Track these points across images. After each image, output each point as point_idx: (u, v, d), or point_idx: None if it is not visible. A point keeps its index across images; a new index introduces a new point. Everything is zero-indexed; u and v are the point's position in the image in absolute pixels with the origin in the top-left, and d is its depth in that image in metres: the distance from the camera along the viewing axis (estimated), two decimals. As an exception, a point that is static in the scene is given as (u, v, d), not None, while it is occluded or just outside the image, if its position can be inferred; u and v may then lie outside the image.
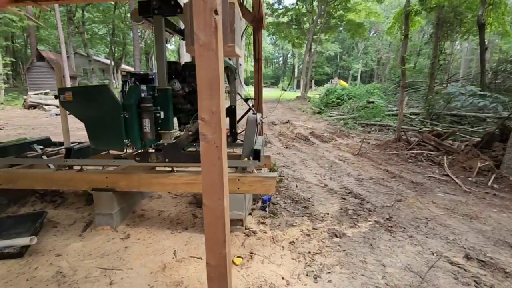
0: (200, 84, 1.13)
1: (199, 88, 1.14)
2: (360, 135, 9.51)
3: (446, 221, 3.37)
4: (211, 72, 1.12)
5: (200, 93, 1.15)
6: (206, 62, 1.12)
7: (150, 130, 2.31)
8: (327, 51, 50.03)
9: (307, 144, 7.92)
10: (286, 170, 5.12)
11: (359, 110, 12.28)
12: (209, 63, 1.11)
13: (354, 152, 6.65)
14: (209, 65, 1.12)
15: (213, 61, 1.11)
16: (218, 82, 1.13)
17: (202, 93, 1.15)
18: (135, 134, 2.25)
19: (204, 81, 1.13)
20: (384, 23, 37.75)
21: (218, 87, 1.14)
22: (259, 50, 4.57)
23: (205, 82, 1.13)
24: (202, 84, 1.13)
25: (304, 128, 10.89)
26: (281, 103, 24.04)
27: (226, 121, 3.92)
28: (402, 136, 6.92)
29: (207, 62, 1.12)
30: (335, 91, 17.07)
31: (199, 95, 1.15)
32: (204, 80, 1.13)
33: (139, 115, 2.26)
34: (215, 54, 1.11)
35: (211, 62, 1.11)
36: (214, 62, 1.11)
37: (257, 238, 2.71)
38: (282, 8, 28.57)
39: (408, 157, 6.11)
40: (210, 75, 1.12)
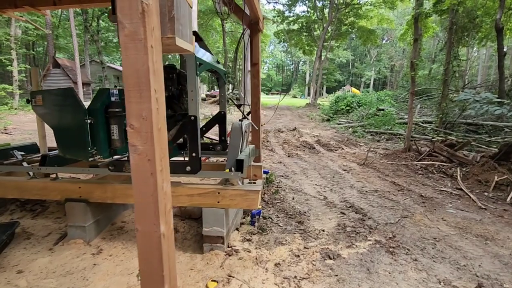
0: (126, 84, 0.92)
1: (125, 88, 0.93)
2: (368, 143, 9.11)
3: (457, 242, 3.01)
4: (139, 68, 0.90)
5: (127, 94, 0.93)
6: (133, 56, 0.90)
7: (119, 137, 2.12)
8: (338, 58, 49.60)
9: (312, 152, 7.61)
10: (284, 181, 4.84)
11: (368, 118, 11.86)
12: (136, 57, 0.90)
13: (360, 162, 6.29)
14: (136, 60, 0.90)
15: (141, 54, 0.90)
16: (148, 81, 0.91)
17: (130, 95, 0.93)
18: (101, 142, 2.06)
19: (131, 79, 0.92)
20: (397, 29, 37.16)
21: (149, 87, 0.92)
22: (256, 54, 4.37)
23: (131, 81, 0.92)
24: (129, 84, 0.92)
25: (310, 136, 10.58)
26: (290, 110, 23.77)
27: (215, 128, 3.72)
28: (412, 145, 6.52)
29: (134, 56, 0.90)
30: (345, 98, 16.69)
31: (126, 97, 0.94)
32: (130, 78, 0.92)
33: (107, 121, 2.07)
34: (144, 46, 0.89)
35: (138, 56, 0.90)
36: (142, 56, 0.90)
37: (239, 258, 2.44)
38: (293, 16, 28.57)
39: (418, 168, 5.71)
40: (138, 73, 0.91)
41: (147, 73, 0.90)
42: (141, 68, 0.90)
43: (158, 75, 0.96)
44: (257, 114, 4.52)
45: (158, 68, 0.96)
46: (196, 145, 2.29)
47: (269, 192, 4.15)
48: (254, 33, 4.29)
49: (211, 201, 2.38)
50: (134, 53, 0.90)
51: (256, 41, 4.33)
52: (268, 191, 4.19)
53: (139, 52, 0.90)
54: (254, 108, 4.51)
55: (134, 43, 0.89)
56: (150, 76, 0.91)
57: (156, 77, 0.95)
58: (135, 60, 0.90)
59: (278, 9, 29.94)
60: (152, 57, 0.92)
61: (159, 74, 0.97)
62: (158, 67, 0.96)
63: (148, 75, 0.90)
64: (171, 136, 2.33)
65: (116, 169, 2.45)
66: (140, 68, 0.90)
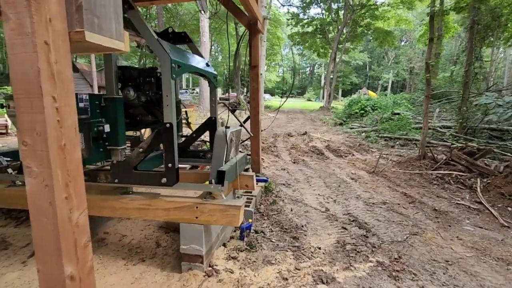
0: (14, 89, 0.73)
1: (14, 96, 0.74)
2: (381, 149, 8.66)
3: (473, 266, 2.64)
4: (28, 70, 0.71)
5: (16, 103, 0.74)
6: (21, 55, 0.71)
7: (86, 146, 1.95)
8: (354, 60, 48.56)
9: (319, 159, 7.28)
10: (285, 190, 4.57)
11: (382, 122, 11.34)
12: (25, 57, 0.71)
13: (370, 170, 5.92)
14: (24, 60, 0.71)
15: (30, 53, 0.70)
16: (39, 87, 0.72)
17: (20, 104, 0.74)
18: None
19: (19, 84, 0.72)
20: (416, 30, 35.91)
21: (41, 95, 0.72)
22: (255, 56, 4.16)
23: (20, 86, 0.72)
24: (17, 89, 0.72)
25: (321, 141, 10.22)
26: (303, 113, 23.36)
27: (206, 134, 3.53)
28: (427, 152, 6.06)
29: (21, 55, 0.71)
30: (359, 102, 16.15)
31: (16, 107, 0.74)
32: (19, 83, 0.72)
33: (73, 128, 1.91)
34: (32, 43, 0.70)
35: (27, 55, 0.71)
36: (31, 54, 0.70)
37: (219, 280, 2.21)
38: (308, 18, 28.20)
39: (433, 178, 5.27)
40: (28, 76, 0.72)
41: (37, 76, 0.71)
42: (30, 70, 0.71)
43: (61, 80, 0.76)
44: (256, 119, 4.30)
45: (62, 71, 0.76)
46: (172, 155, 2.09)
47: (266, 202, 3.90)
48: (253, 34, 4.09)
49: (188, 216, 2.17)
50: (21, 52, 0.71)
51: (255, 42, 4.13)
52: (265, 201, 3.94)
53: (27, 50, 0.70)
54: (253, 113, 4.30)
55: (20, 39, 0.70)
56: (43, 80, 0.71)
57: (58, 81, 0.75)
58: (23, 60, 0.71)
59: (293, 11, 29.71)
60: (48, 56, 0.72)
61: (62, 78, 0.77)
62: (62, 69, 0.76)
63: (39, 79, 0.71)
64: (146, 144, 2.15)
65: (90, 179, 2.29)
66: (29, 70, 0.71)
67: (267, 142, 9.60)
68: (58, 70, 0.76)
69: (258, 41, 4.17)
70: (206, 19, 14.72)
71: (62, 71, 0.78)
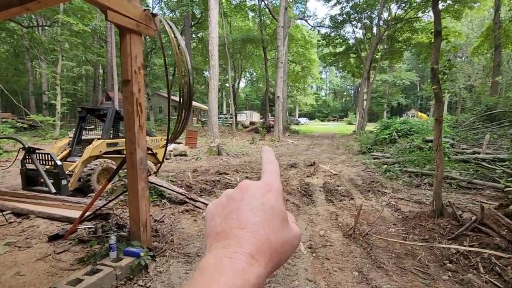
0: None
1: None
2: (398, 190, 6.42)
3: None
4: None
5: None
6: None
7: None
8: (400, 80, 44.56)
9: (299, 203, 5.44)
10: (173, 272, 2.94)
11: (410, 152, 8.90)
12: None
13: (349, 231, 3.94)
14: None
15: None
16: None
17: None
18: None
19: None
20: (474, 44, 31.49)
21: None
22: (125, 66, 2.83)
23: None
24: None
25: (325, 175, 8.26)
26: (331, 139, 21.08)
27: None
28: (446, 206, 3.88)
29: None
30: (392, 125, 13.58)
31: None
32: None
33: None
34: None
35: None
36: None
37: None
38: (340, 37, 26.50)
39: (448, 255, 3.14)
40: None
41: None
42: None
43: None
44: (133, 160, 2.87)
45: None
46: None
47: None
48: (122, 35, 2.80)
49: None
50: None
51: (126, 46, 2.81)
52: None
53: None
54: (130, 149, 2.89)
55: None
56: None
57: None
58: None
59: (325, 32, 28.33)
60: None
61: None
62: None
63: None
64: None
65: None
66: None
67: (256, 176, 8.01)
68: None
69: (136, 45, 2.85)
70: (215, 42, 14.14)
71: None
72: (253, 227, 0.30)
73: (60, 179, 4.84)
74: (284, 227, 0.32)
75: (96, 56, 25.73)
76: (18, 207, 4.28)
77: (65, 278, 2.45)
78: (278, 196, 0.34)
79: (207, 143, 14.30)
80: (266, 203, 0.32)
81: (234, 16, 27.90)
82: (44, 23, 21.80)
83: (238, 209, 0.32)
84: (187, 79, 2.95)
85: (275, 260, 0.30)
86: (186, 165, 9.81)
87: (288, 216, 0.35)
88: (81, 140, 6.28)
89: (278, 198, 0.33)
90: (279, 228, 0.32)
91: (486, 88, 19.92)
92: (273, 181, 0.35)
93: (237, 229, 0.30)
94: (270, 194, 0.33)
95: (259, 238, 0.29)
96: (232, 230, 0.30)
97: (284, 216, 0.33)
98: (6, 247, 3.29)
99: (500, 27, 16.80)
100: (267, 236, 0.30)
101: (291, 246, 0.33)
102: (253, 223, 0.30)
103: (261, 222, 0.30)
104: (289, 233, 0.33)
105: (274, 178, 0.36)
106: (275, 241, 0.30)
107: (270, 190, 0.34)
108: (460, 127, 11.08)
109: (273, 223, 0.31)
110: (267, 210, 0.32)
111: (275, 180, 0.36)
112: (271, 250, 0.30)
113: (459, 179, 6.50)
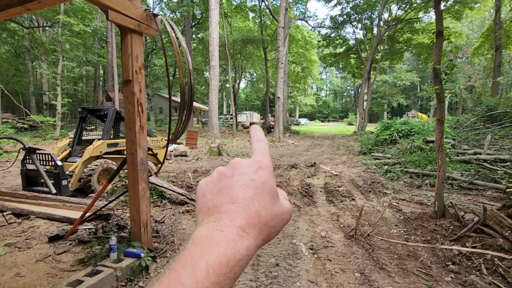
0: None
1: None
2: (399, 191, 6.40)
3: None
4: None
5: None
6: None
7: None
8: (401, 81, 44.54)
9: (301, 204, 5.42)
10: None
11: (411, 153, 8.89)
12: None
13: (351, 232, 3.93)
14: None
15: None
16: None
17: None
18: None
19: None
20: (474, 44, 31.48)
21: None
22: (126, 67, 2.82)
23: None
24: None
25: (326, 175, 8.24)
26: (332, 139, 21.05)
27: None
28: (448, 207, 3.86)
29: None
30: (392, 126, 13.56)
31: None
32: None
33: None
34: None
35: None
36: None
37: None
38: (340, 38, 26.49)
39: (451, 256, 3.12)
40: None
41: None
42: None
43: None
44: (134, 156, 2.86)
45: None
46: None
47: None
48: (123, 34, 2.79)
49: None
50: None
51: (127, 46, 2.80)
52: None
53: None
54: (130, 150, 2.87)
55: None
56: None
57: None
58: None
59: (326, 33, 28.29)
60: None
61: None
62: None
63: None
64: None
65: None
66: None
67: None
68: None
69: (137, 44, 2.84)
70: (215, 42, 14.14)
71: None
72: (243, 202, 0.31)
73: (60, 180, 4.82)
74: (274, 202, 0.33)
75: (97, 56, 25.75)
76: (18, 207, 4.26)
77: (66, 279, 2.44)
78: (268, 173, 0.35)
79: (208, 143, 14.29)
80: (256, 179, 0.33)
81: (234, 16, 27.91)
82: (45, 23, 21.83)
83: (229, 185, 0.33)
84: (188, 80, 2.94)
85: (264, 233, 0.31)
86: (187, 165, 9.80)
87: (279, 193, 0.36)
88: (82, 140, 6.27)
89: (268, 175, 0.34)
90: (269, 203, 0.33)
91: (487, 88, 19.91)
92: (263, 158, 0.36)
93: (228, 204, 0.31)
94: (260, 171, 0.34)
95: (249, 212, 0.30)
96: (224, 205, 0.31)
97: (274, 192, 0.34)
98: (6, 248, 3.28)
99: (500, 27, 16.80)
100: (257, 210, 0.31)
101: (281, 220, 0.34)
102: (244, 198, 0.31)
103: (251, 197, 0.31)
104: (279, 208, 0.34)
105: (264, 155, 0.37)
106: (264, 215, 0.31)
107: (261, 167, 0.34)
108: (461, 127, 11.07)
109: (263, 199, 0.32)
110: (257, 186, 0.32)
111: (265, 158, 0.37)
112: (261, 223, 0.31)
113: (461, 180, 6.48)
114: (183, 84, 2.92)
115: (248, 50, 28.32)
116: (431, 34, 4.52)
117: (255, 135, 0.41)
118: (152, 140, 7.12)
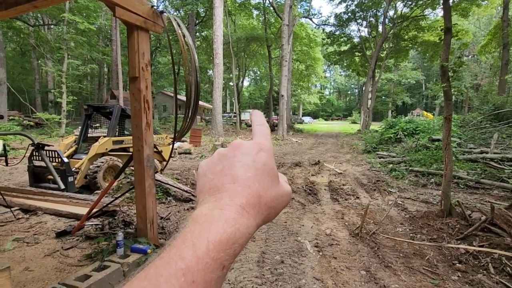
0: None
1: None
2: (404, 189, 6.37)
3: None
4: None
5: None
6: None
7: None
8: (406, 79, 44.15)
9: (304, 202, 5.42)
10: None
11: (416, 151, 8.82)
12: None
13: (355, 230, 3.91)
14: None
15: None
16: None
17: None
18: None
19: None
20: (481, 42, 31.10)
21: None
22: (132, 64, 2.83)
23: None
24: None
25: (330, 174, 8.22)
26: (336, 138, 20.97)
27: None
28: (455, 206, 3.83)
29: None
30: (397, 124, 13.47)
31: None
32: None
33: None
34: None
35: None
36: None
37: None
38: (344, 35, 26.32)
39: (457, 255, 3.10)
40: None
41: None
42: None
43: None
44: (140, 153, 2.87)
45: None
46: None
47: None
48: (130, 31, 2.79)
49: None
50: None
51: (133, 43, 2.81)
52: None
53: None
54: (137, 146, 2.89)
55: None
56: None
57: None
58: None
59: (330, 31, 28.13)
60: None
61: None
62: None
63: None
64: None
65: None
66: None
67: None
68: None
69: (143, 41, 2.85)
70: (219, 40, 14.12)
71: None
72: (244, 182, 0.31)
73: (67, 176, 4.87)
74: (274, 184, 0.34)
75: (101, 54, 25.88)
76: (26, 203, 4.31)
77: (74, 274, 2.46)
78: (269, 154, 0.35)
79: (211, 141, 14.32)
80: (257, 160, 0.33)
81: (238, 14, 27.84)
82: (50, 21, 21.97)
83: (231, 166, 0.33)
84: (194, 77, 2.94)
85: (264, 213, 0.32)
86: (191, 163, 9.83)
87: (279, 176, 0.36)
88: (87, 137, 6.32)
89: (269, 156, 0.35)
90: (270, 185, 0.33)
91: (494, 87, 19.65)
92: (264, 140, 0.37)
93: (229, 184, 0.31)
94: (261, 152, 0.35)
95: (250, 192, 0.31)
96: (224, 185, 0.31)
97: (274, 174, 0.34)
98: (15, 242, 3.32)
99: (508, 25, 16.55)
100: (258, 191, 0.31)
101: (281, 202, 0.35)
102: (244, 178, 0.32)
103: (252, 177, 0.32)
104: (279, 190, 0.34)
105: (265, 138, 0.38)
106: (265, 196, 0.32)
107: (262, 149, 0.35)
108: (467, 126, 10.95)
109: (263, 179, 0.33)
110: (258, 167, 0.33)
111: (266, 140, 0.37)
112: (261, 204, 0.31)
113: (467, 178, 6.42)
114: (189, 81, 2.92)
115: (252, 48, 28.29)
116: (437, 31, 4.50)
117: (256, 119, 0.42)
118: (156, 137, 7.16)
